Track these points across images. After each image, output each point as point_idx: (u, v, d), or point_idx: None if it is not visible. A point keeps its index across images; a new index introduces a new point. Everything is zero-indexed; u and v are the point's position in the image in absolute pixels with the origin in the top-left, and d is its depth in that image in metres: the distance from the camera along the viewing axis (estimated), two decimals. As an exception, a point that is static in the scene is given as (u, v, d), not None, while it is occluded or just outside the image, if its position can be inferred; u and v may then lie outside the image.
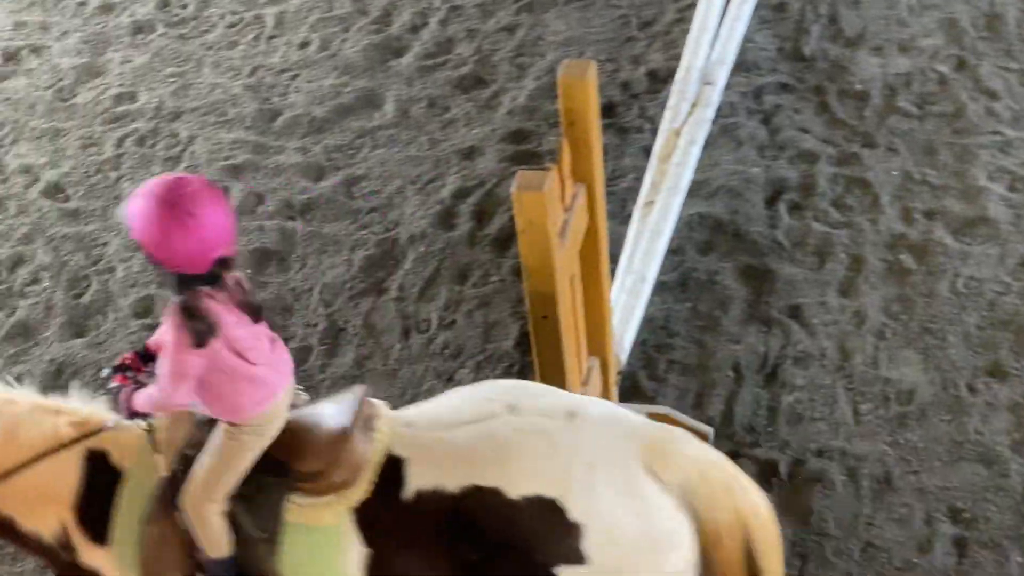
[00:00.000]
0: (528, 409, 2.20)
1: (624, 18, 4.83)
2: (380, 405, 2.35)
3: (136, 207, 1.97)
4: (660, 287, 3.60)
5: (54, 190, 4.32)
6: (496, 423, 2.17)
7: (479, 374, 3.49)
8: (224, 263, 2.09)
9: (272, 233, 4.09)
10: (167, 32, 5.07)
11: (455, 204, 4.10)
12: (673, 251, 3.71)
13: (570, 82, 2.55)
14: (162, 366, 2.08)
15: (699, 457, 2.18)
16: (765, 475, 3.02)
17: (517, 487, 2.09)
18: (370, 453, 2.24)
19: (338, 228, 4.12)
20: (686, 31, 4.44)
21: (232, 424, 2.14)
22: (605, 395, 3.03)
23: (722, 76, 4.26)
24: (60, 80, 4.84)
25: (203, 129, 4.58)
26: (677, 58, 4.36)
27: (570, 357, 2.66)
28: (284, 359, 2.27)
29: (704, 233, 3.83)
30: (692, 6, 4.58)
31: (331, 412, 2.29)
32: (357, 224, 4.13)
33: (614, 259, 3.35)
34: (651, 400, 3.30)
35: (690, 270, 3.72)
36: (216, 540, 2.16)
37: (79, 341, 3.76)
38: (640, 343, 3.46)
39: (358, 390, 2.35)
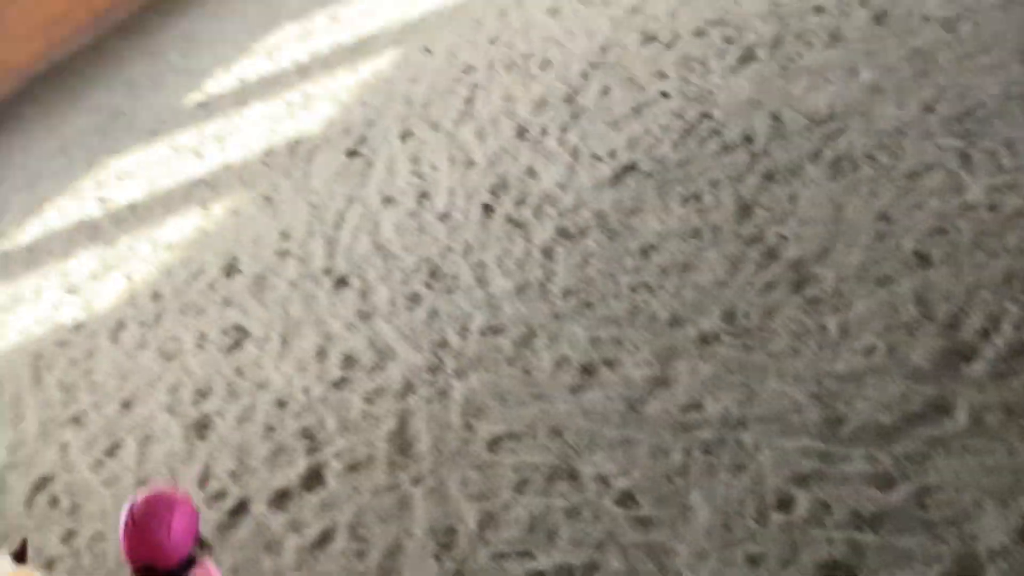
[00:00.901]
0: None
1: None
2: None
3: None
4: None
5: (626, 498, 6.02)
6: None
7: None
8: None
9: (840, 545, 5.30)
10: (732, 342, 6.75)
11: (1036, 517, 5.09)
12: None
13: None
14: None
15: None
16: None
17: None
18: None
19: (911, 541, 5.23)
20: None
21: None
22: None
23: None
24: (631, 391, 6.68)
25: (768, 437, 6.08)
26: None
27: None
28: None
29: None
30: None
31: None
32: (931, 537, 5.20)
33: None
34: None
35: None
36: None
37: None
38: None
39: None
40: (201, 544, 4.14)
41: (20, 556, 4.75)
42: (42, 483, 7.58)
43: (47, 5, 14.03)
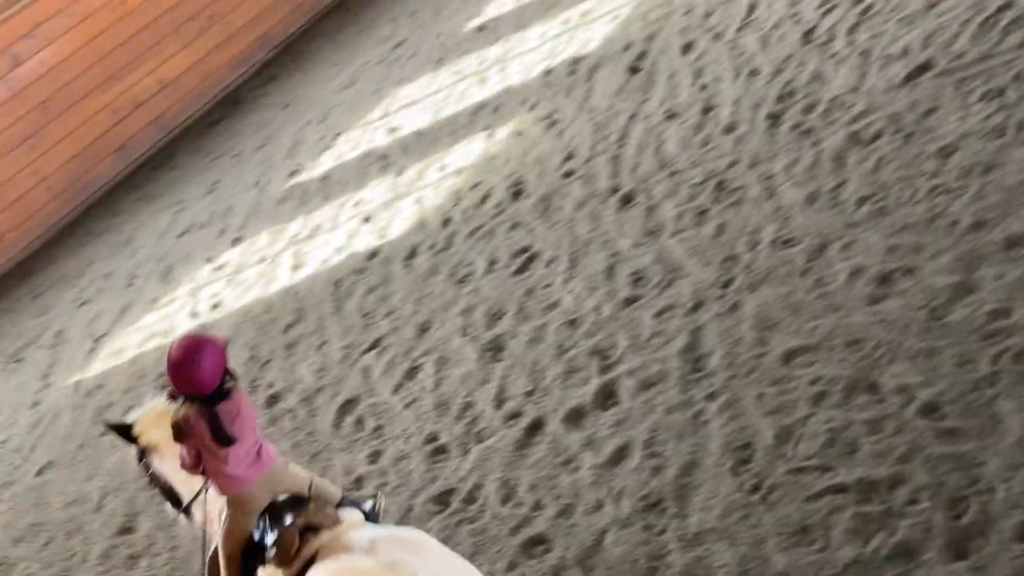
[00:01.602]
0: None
1: None
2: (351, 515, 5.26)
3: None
4: None
5: (929, 409, 5.82)
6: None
7: None
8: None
9: None
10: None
11: None
12: None
13: None
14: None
15: None
16: None
17: None
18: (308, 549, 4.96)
19: None
20: None
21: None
22: None
23: None
24: (933, 300, 6.43)
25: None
26: None
27: None
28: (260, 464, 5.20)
29: None
30: None
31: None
32: None
33: None
34: None
35: None
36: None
37: (960, 564, 5.09)
38: None
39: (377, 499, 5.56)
40: (231, 376, 5.21)
41: (174, 396, 5.58)
42: (348, 405, 7.96)
43: (329, -59, 14.51)
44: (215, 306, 9.68)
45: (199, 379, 5.04)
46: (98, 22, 12.16)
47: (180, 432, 5.17)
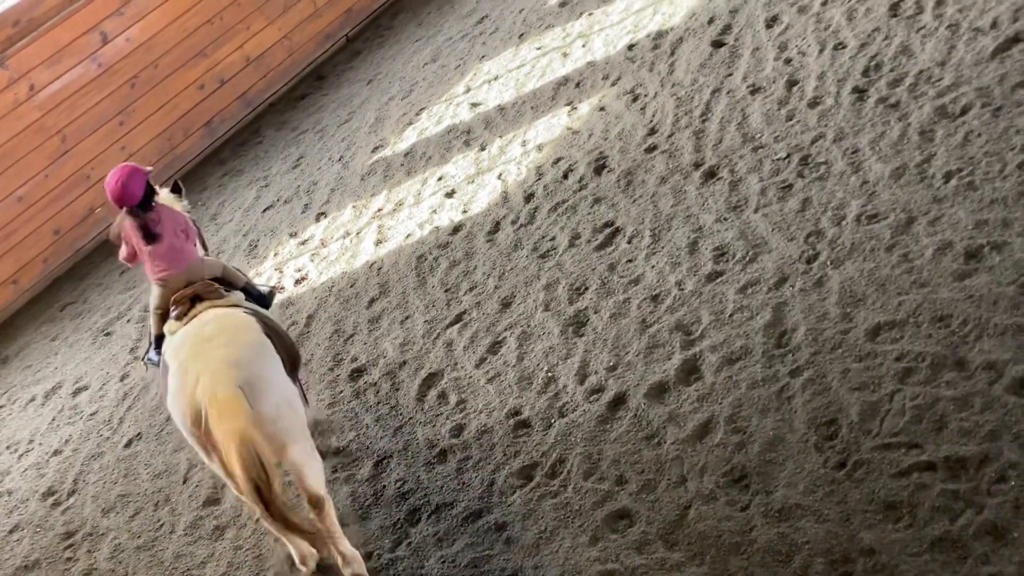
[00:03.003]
0: None
1: None
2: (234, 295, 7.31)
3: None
4: None
5: (1019, 386, 5.76)
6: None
7: None
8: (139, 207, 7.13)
9: None
10: None
11: None
12: None
13: None
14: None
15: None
16: None
17: None
18: (194, 311, 7.03)
19: None
20: None
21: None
22: None
23: None
24: (1022, 275, 6.33)
25: None
26: None
27: None
28: (182, 258, 7.17)
29: None
30: None
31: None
32: None
33: None
34: None
35: None
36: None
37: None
38: None
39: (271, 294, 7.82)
40: (155, 194, 7.28)
41: (176, 189, 7.80)
42: (431, 379, 8.02)
43: (413, -83, 14.54)
44: (299, 280, 9.83)
45: (126, 194, 7.11)
46: (185, 0, 12.38)
47: (117, 234, 7.42)
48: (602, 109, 9.85)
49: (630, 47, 10.55)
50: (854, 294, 6.76)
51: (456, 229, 9.37)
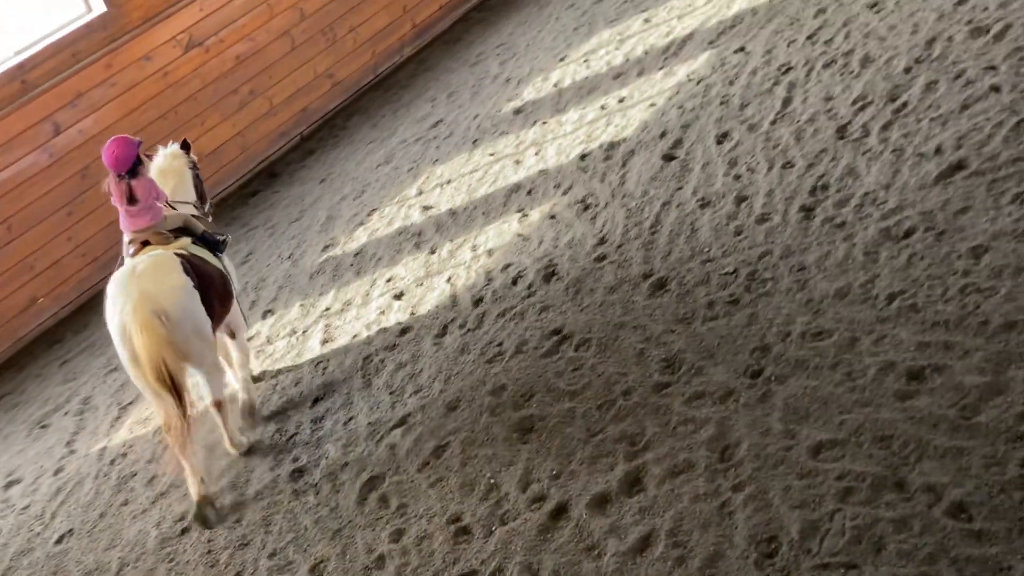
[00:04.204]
0: None
1: None
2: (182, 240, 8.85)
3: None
4: None
5: (957, 510, 5.82)
6: None
7: None
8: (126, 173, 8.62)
9: None
10: (1075, 346, 6.43)
11: None
12: None
13: None
14: None
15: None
16: None
17: None
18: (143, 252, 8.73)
19: None
20: None
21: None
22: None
23: None
24: (963, 398, 6.44)
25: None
26: None
27: None
28: (150, 217, 8.68)
29: None
30: None
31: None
32: None
33: None
34: None
35: None
36: None
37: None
38: None
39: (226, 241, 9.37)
40: (141, 164, 8.66)
41: (185, 146, 9.77)
42: (373, 482, 7.97)
43: (374, 21, 14.75)
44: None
45: (119, 163, 8.53)
46: (140, 93, 12.37)
47: (106, 190, 8.92)
48: (553, 217, 9.97)
49: (582, 157, 10.71)
50: (797, 411, 6.82)
51: (404, 331, 9.38)
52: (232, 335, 9.38)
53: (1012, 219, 7.43)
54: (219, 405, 8.83)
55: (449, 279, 9.80)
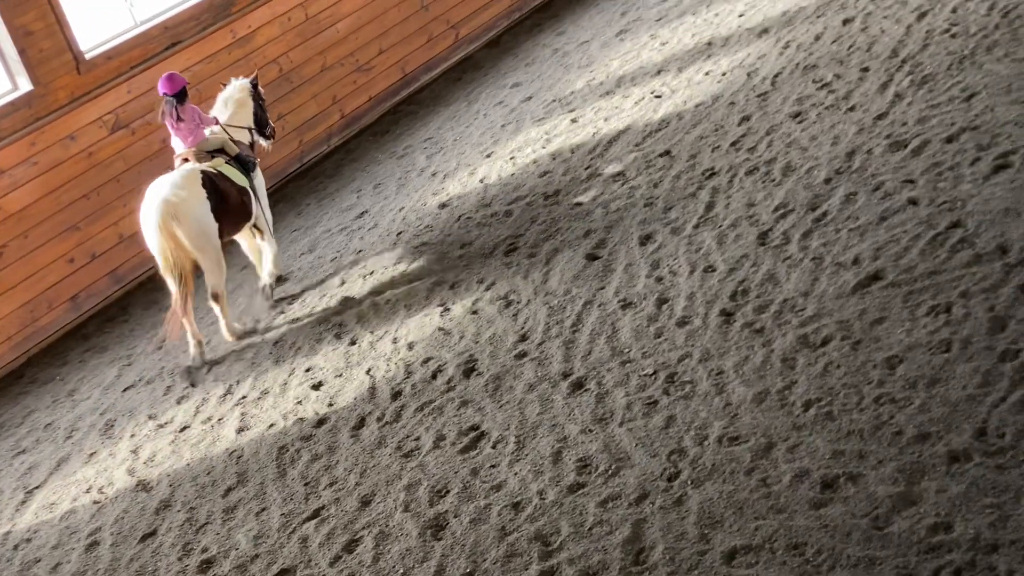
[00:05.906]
0: None
1: None
2: (217, 159, 11.41)
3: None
4: None
5: (868, 621, 5.86)
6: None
7: None
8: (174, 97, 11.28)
9: None
10: (984, 461, 6.53)
11: None
12: None
13: None
14: None
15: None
16: None
17: None
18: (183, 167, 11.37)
19: None
20: None
21: None
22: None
23: None
24: (876, 508, 6.52)
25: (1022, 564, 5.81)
26: None
27: None
28: (194, 138, 11.26)
29: None
30: None
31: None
32: None
33: None
34: None
35: None
36: None
37: None
38: None
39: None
40: (186, 94, 11.03)
41: (254, 81, 12.24)
42: (283, 575, 7.90)
43: (302, 111, 14.83)
44: (154, 463, 9.64)
45: (171, 87, 10.92)
46: (63, 173, 12.30)
47: (160, 115, 11.28)
48: (475, 312, 10.00)
49: (507, 254, 10.80)
50: (712, 515, 6.86)
51: (321, 422, 9.32)
52: (261, 234, 11.85)
53: (927, 331, 7.60)
54: (216, 297, 11.05)
55: (369, 371, 9.77)
